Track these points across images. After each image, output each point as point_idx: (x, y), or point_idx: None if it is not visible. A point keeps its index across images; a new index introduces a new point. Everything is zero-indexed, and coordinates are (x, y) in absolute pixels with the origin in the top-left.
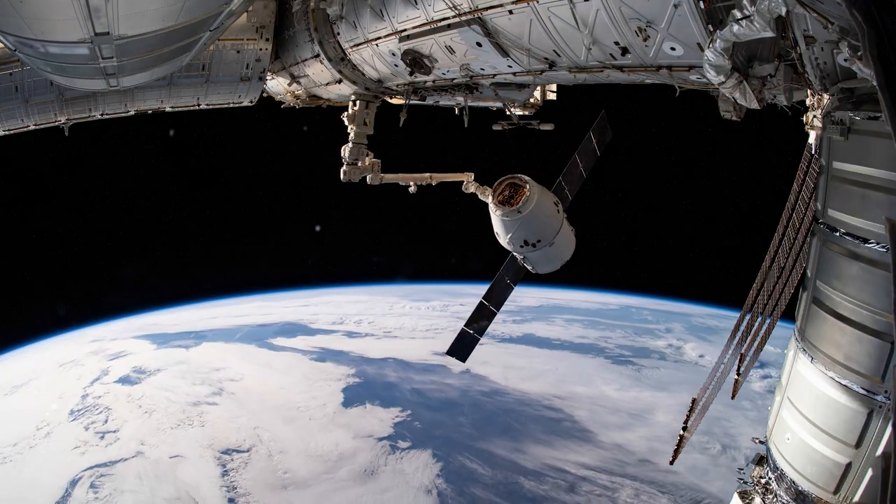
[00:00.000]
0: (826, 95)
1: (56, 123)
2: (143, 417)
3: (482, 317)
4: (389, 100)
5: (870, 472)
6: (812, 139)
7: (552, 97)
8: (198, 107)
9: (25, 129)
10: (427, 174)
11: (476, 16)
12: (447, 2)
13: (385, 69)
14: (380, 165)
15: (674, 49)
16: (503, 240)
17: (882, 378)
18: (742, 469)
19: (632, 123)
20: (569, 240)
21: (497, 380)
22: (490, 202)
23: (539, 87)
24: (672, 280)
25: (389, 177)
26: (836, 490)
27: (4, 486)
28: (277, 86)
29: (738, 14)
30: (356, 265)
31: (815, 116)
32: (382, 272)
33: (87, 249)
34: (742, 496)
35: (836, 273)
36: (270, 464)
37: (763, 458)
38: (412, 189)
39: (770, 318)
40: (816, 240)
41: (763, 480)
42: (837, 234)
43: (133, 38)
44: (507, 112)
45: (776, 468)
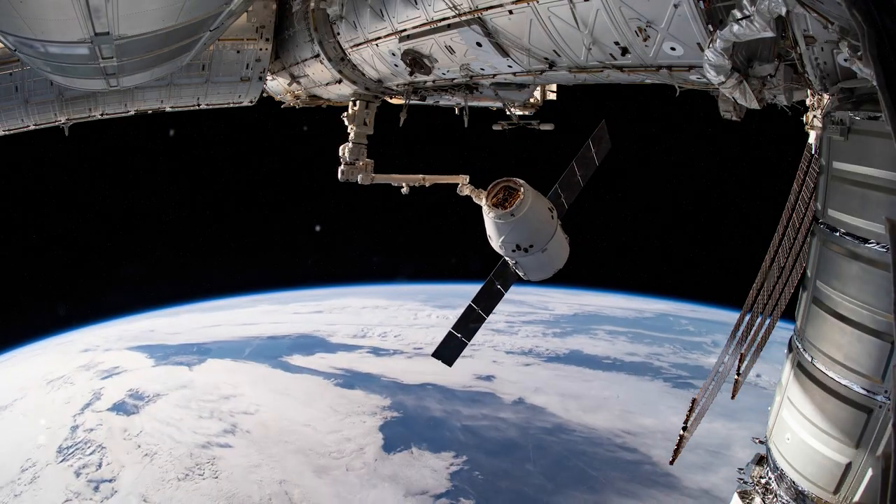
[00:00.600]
0: (826, 95)
1: (56, 123)
2: (144, 462)
3: (471, 320)
4: (389, 100)
5: (870, 472)
6: (812, 139)
7: (552, 97)
8: (198, 107)
9: (25, 129)
10: (420, 175)
11: (476, 16)
12: (447, 2)
13: (385, 69)
14: (372, 166)
15: (674, 49)
16: (495, 243)
17: (882, 378)
18: (742, 469)
19: (632, 123)
20: (562, 247)
21: (557, 411)
22: (483, 204)
23: (539, 87)
24: (672, 280)
25: (381, 177)
26: (836, 490)
27: None
28: (277, 86)
29: (738, 14)
30: (362, 265)
31: (815, 116)
32: (392, 272)
33: (83, 248)
34: (742, 496)
35: (836, 273)
36: None
37: (763, 458)
38: (404, 190)
39: (770, 318)
40: (816, 240)
41: (763, 480)
42: (837, 234)
43: (133, 38)
44: (507, 112)
45: (776, 468)
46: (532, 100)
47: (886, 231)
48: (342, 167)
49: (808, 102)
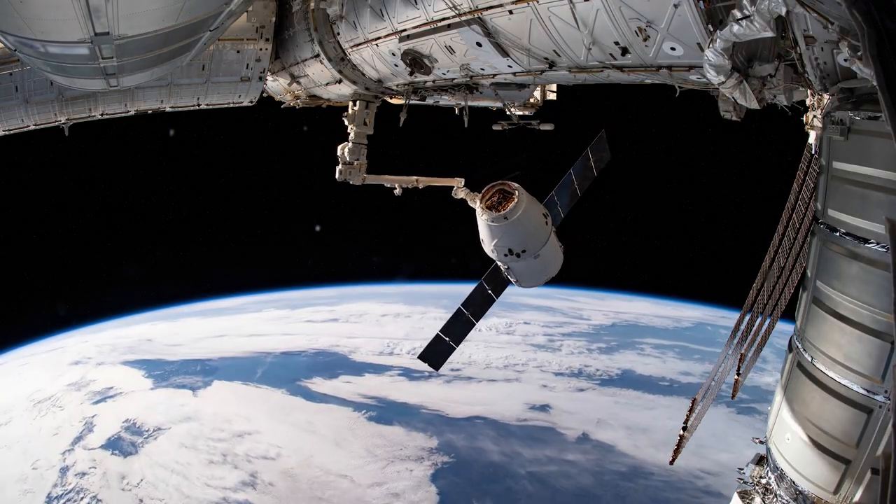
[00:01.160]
0: (826, 95)
1: (56, 123)
2: None
3: (460, 325)
4: (389, 100)
5: (869, 473)
6: (812, 139)
7: (552, 97)
8: (198, 107)
9: (25, 129)
10: (413, 177)
11: (476, 16)
12: (447, 2)
13: (385, 69)
14: (365, 166)
15: (674, 49)
16: (487, 247)
17: (882, 378)
18: (742, 469)
19: (632, 123)
20: (555, 255)
21: (627, 449)
22: (477, 206)
23: (539, 87)
24: (672, 280)
25: (373, 178)
26: (836, 490)
27: None
28: (277, 86)
29: (738, 14)
30: (364, 265)
31: (815, 116)
32: (397, 272)
33: (74, 247)
34: (742, 496)
35: (836, 273)
36: None
37: (763, 458)
38: (397, 191)
39: (770, 318)
40: (816, 240)
41: (763, 480)
42: (837, 234)
43: (133, 38)
44: (507, 112)
45: (776, 468)
46: (532, 100)
47: (886, 231)
48: (340, 167)
49: (808, 102)
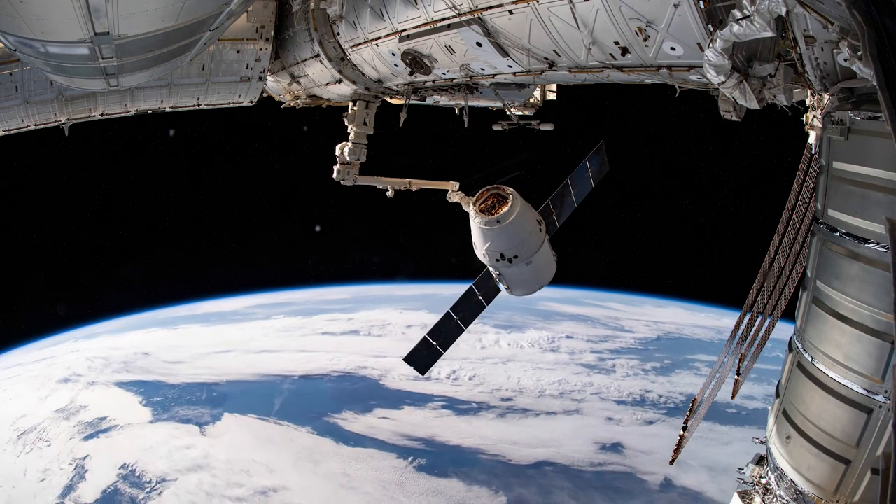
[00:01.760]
0: (826, 95)
1: (56, 123)
2: None
3: (448, 329)
4: (389, 100)
5: (869, 473)
6: (812, 139)
7: (552, 97)
8: (198, 107)
9: (25, 129)
10: (406, 179)
11: (476, 16)
12: (447, 2)
13: (385, 69)
14: (358, 167)
15: (674, 49)
16: (479, 251)
17: (882, 378)
18: (742, 469)
19: (632, 123)
20: (548, 263)
21: (715, 495)
22: (470, 210)
23: (539, 87)
24: (672, 280)
25: (365, 178)
26: (836, 490)
27: None
28: (277, 86)
29: (738, 14)
30: (366, 265)
31: (815, 116)
32: (403, 273)
33: (72, 247)
34: (742, 496)
35: (836, 273)
36: None
37: (763, 458)
38: (389, 193)
39: (770, 318)
40: (816, 240)
41: (763, 480)
42: (837, 234)
43: (133, 38)
44: (507, 112)
45: (776, 468)
46: (532, 100)
47: (886, 231)
48: (338, 166)
49: (808, 102)
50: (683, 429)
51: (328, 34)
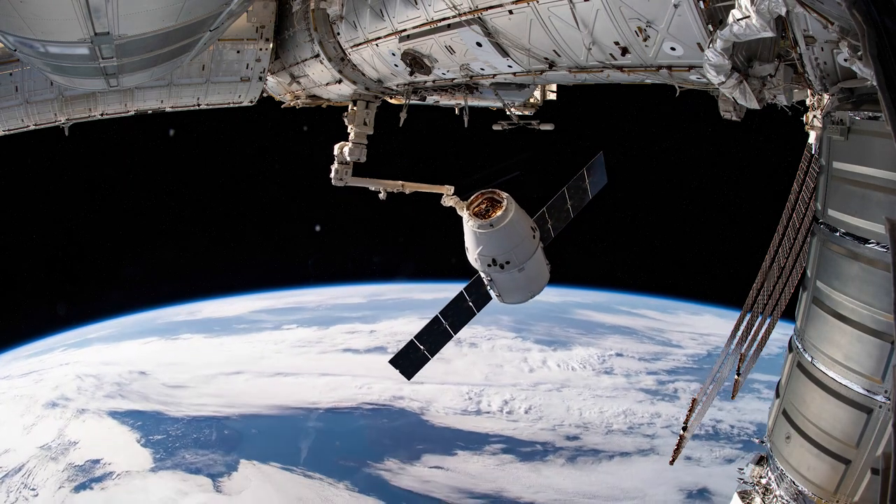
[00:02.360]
0: (826, 95)
1: (56, 123)
2: None
3: (436, 334)
4: (389, 100)
5: (869, 473)
6: (812, 139)
7: (552, 97)
8: (198, 107)
9: (25, 129)
10: (399, 182)
11: (476, 16)
12: (447, 2)
13: (385, 69)
14: (351, 168)
15: (674, 49)
16: (471, 255)
17: (882, 378)
18: (742, 469)
19: (632, 123)
20: (541, 272)
21: None
22: (464, 213)
23: (539, 87)
24: (672, 280)
25: (357, 180)
26: (836, 490)
27: None
28: (277, 86)
29: (738, 14)
30: (369, 266)
31: (815, 116)
32: (408, 273)
33: (67, 246)
34: (742, 496)
35: (836, 273)
36: None
37: (763, 458)
38: (382, 196)
39: (770, 318)
40: (816, 240)
41: (763, 480)
42: (837, 234)
43: (133, 38)
44: (507, 112)
45: (776, 468)
46: (532, 100)
47: (886, 231)
48: (336, 166)
49: (808, 102)
50: (683, 429)
51: (328, 34)
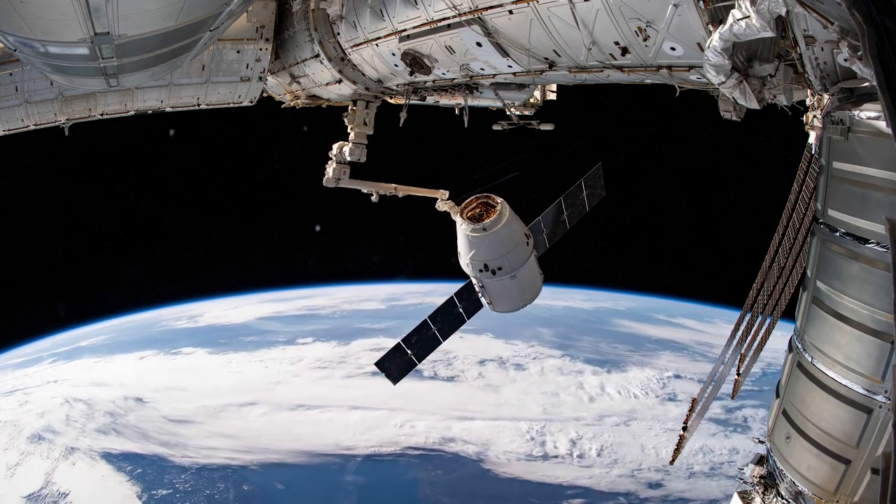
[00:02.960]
0: (826, 95)
1: (56, 123)
2: None
3: (424, 339)
4: (389, 100)
5: (869, 473)
6: (812, 139)
7: (552, 97)
8: (198, 107)
9: (25, 129)
10: (392, 185)
11: (476, 16)
12: (447, 2)
13: (385, 69)
14: (348, 169)
15: (674, 49)
16: (463, 260)
17: (882, 378)
18: (742, 469)
19: (632, 123)
20: (533, 280)
21: None
22: (457, 216)
23: (539, 87)
24: (672, 280)
25: (349, 182)
26: (836, 490)
27: None
28: (277, 86)
29: (738, 14)
30: (371, 266)
31: (815, 116)
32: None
33: (63, 245)
34: (742, 496)
35: (836, 273)
36: None
37: (763, 458)
38: (374, 198)
39: (770, 318)
40: (816, 240)
41: (763, 480)
42: (837, 234)
43: (133, 38)
44: (507, 112)
45: (776, 468)
46: (532, 100)
47: (886, 231)
48: (334, 166)
49: (808, 102)
50: (683, 429)
51: (328, 34)
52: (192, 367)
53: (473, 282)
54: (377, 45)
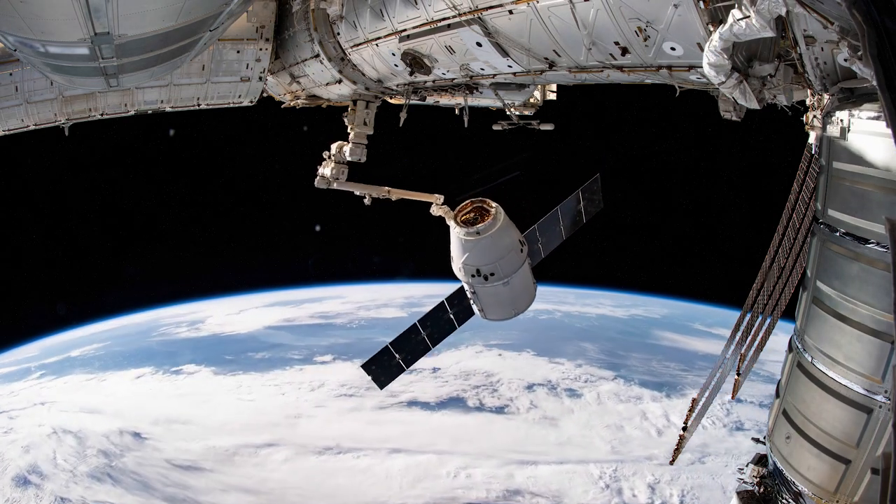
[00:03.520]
0: (826, 95)
1: (56, 123)
2: None
3: (413, 343)
4: (389, 100)
5: (869, 473)
6: (812, 139)
7: (552, 97)
8: (198, 107)
9: (25, 129)
10: (385, 188)
11: (476, 16)
12: (447, 2)
13: (385, 69)
14: (347, 169)
15: (674, 49)
16: (456, 264)
17: (882, 378)
18: (742, 469)
19: (631, 123)
20: (526, 287)
21: None
22: (451, 220)
23: (539, 87)
24: (672, 280)
25: (341, 184)
26: (836, 490)
27: None
28: (277, 86)
29: (738, 14)
30: (370, 266)
31: (815, 116)
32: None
33: (61, 246)
34: (742, 496)
35: (836, 273)
36: None
37: (763, 458)
38: (367, 201)
39: (770, 318)
40: (816, 240)
41: (763, 480)
42: (837, 234)
43: (133, 38)
44: (507, 112)
45: (776, 468)
46: (532, 100)
47: (886, 231)
48: (332, 166)
49: (808, 102)
50: (683, 429)
51: (328, 34)
52: (197, 393)
53: (465, 287)
54: (377, 45)
